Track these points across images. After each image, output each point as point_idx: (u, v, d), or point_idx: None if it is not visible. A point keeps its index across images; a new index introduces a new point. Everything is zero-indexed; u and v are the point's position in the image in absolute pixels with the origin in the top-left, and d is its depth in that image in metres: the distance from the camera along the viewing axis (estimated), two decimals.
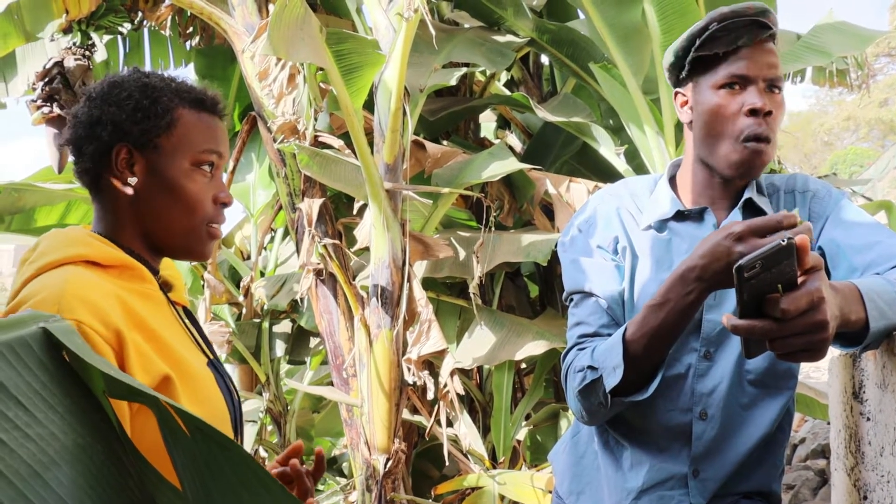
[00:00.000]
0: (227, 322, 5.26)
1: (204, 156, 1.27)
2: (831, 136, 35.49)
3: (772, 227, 1.12)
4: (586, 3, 3.84)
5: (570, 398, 1.49)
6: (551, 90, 5.67)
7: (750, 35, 1.45)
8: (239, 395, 1.39)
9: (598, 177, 4.63)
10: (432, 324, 3.56)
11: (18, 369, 0.65)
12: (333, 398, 4.13)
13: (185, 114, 1.27)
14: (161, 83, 1.28)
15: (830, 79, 6.11)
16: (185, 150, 1.26)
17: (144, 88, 1.26)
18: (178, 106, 1.26)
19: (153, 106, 1.24)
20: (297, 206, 3.99)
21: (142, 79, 1.27)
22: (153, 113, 1.24)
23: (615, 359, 1.36)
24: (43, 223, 5.18)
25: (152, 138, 1.24)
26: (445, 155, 4.11)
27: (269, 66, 3.82)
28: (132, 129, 1.23)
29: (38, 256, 1.16)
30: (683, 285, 1.26)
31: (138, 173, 1.24)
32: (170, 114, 1.25)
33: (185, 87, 1.30)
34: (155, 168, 1.24)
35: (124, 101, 1.24)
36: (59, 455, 0.64)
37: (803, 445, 5.62)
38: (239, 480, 0.64)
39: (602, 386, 1.38)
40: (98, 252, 1.18)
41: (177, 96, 1.27)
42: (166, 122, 1.25)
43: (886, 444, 1.18)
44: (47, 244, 1.19)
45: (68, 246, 1.17)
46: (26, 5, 3.92)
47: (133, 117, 1.23)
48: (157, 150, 1.24)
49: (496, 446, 4.43)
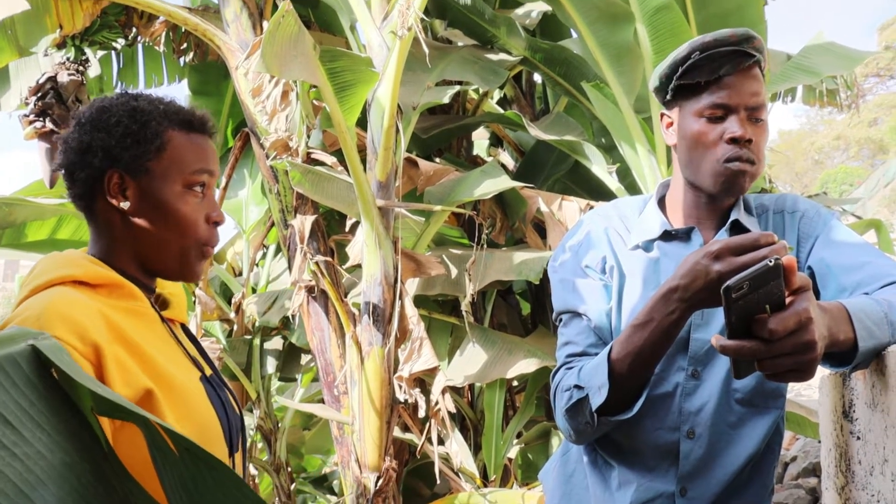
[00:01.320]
0: (218, 338, 5.24)
1: (195, 177, 1.27)
2: (822, 155, 35.69)
3: (748, 246, 1.13)
4: (579, 22, 3.86)
5: (559, 417, 1.49)
6: (544, 108, 5.70)
7: (732, 64, 1.45)
8: (240, 410, 1.39)
9: (590, 195, 4.65)
10: (424, 341, 3.55)
11: (6, 387, 0.65)
12: (324, 416, 4.11)
13: (174, 136, 1.27)
14: (150, 106, 1.28)
15: (821, 98, 6.15)
16: (177, 173, 1.26)
17: (133, 113, 1.26)
18: (167, 129, 1.27)
19: (143, 130, 1.25)
20: (290, 222, 3.99)
21: (130, 102, 1.28)
22: (143, 137, 1.25)
23: (600, 378, 1.36)
24: (34, 238, 5.16)
25: (143, 163, 1.24)
26: (438, 172, 4.12)
27: (263, 83, 3.83)
28: (122, 154, 1.24)
29: (33, 279, 1.19)
30: (666, 305, 1.27)
31: (130, 198, 1.25)
32: (159, 137, 1.26)
33: (173, 109, 1.30)
34: (147, 192, 1.25)
35: (114, 126, 1.24)
36: (46, 474, 0.64)
37: (794, 464, 5.61)
38: (227, 501, 0.64)
39: (588, 405, 1.38)
40: (87, 272, 1.19)
41: (166, 119, 1.27)
42: (156, 146, 1.25)
43: (877, 464, 1.18)
44: (42, 266, 1.21)
45: (60, 267, 1.19)
46: (20, 20, 3.93)
47: (123, 143, 1.24)
48: (148, 174, 1.25)
49: (487, 464, 4.41)
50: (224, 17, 4.12)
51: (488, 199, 4.24)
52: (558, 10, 4.06)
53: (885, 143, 31.17)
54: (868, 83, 29.17)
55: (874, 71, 28.38)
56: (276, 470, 5.26)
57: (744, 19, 3.71)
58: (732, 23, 3.80)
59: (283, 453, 5.30)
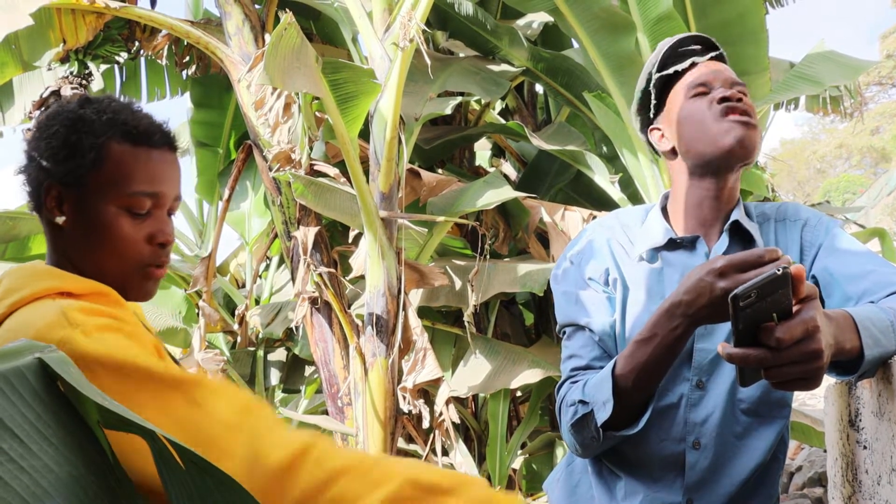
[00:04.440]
0: (221, 350, 5.23)
1: (135, 199, 1.17)
2: (824, 164, 35.70)
3: (753, 263, 1.13)
4: (580, 32, 3.88)
5: (564, 432, 1.49)
6: (546, 119, 5.71)
7: (700, 54, 1.55)
8: None
9: (592, 205, 4.64)
10: (427, 352, 3.55)
11: (14, 400, 0.65)
12: (328, 427, 4.10)
13: (116, 149, 1.16)
14: (94, 115, 1.17)
15: (823, 106, 6.15)
16: (114, 190, 1.16)
17: (75, 123, 1.16)
18: (108, 141, 1.16)
19: (79, 142, 1.15)
20: (293, 234, 3.99)
21: (77, 111, 1.18)
22: (79, 150, 1.15)
23: (605, 394, 1.36)
24: (37, 251, 5.18)
25: (79, 176, 1.15)
26: (440, 183, 4.12)
27: (265, 95, 3.84)
28: (58, 167, 1.16)
29: (7, 294, 1.11)
30: (669, 320, 1.27)
31: (67, 212, 1.17)
32: (96, 150, 1.15)
33: (120, 119, 1.18)
34: (82, 207, 1.16)
35: (51, 137, 1.16)
36: (53, 487, 0.64)
37: (800, 473, 5.59)
38: None
39: (593, 420, 1.38)
40: (70, 283, 1.13)
41: (109, 129, 1.17)
42: (92, 159, 1.15)
43: (884, 473, 1.18)
44: (13, 281, 1.13)
45: (40, 279, 1.12)
46: (24, 35, 3.95)
47: (57, 155, 1.16)
48: (84, 189, 1.16)
49: (492, 475, 4.40)
50: (226, 29, 4.13)
51: (491, 210, 4.24)
52: (560, 21, 4.07)
53: (887, 152, 31.18)
54: (870, 92, 29.18)
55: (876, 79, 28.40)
56: None
57: (745, 27, 3.72)
58: (734, 31, 3.81)
59: None
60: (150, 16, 4.15)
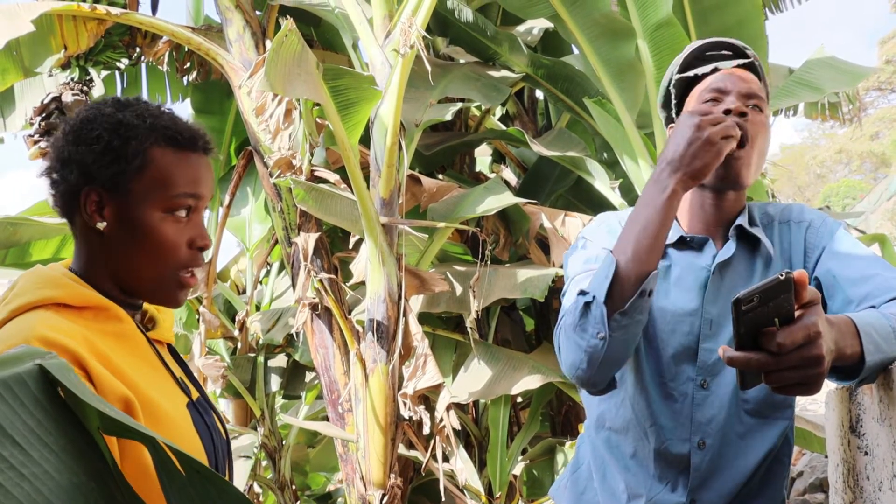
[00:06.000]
0: (222, 356, 5.23)
1: (179, 201, 1.18)
2: (824, 169, 35.69)
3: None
4: (581, 38, 3.88)
5: (567, 349, 1.40)
6: (546, 125, 5.71)
7: (727, 62, 1.54)
8: (227, 436, 1.33)
9: (593, 211, 4.64)
10: (428, 358, 3.54)
11: (14, 407, 0.65)
12: (329, 433, 4.10)
13: (159, 154, 1.17)
14: (136, 119, 1.18)
15: (823, 112, 6.16)
16: (158, 195, 1.17)
17: (117, 127, 1.16)
18: (151, 146, 1.17)
19: (124, 147, 1.16)
20: (293, 240, 3.99)
21: (116, 114, 1.18)
22: (123, 155, 1.15)
23: (605, 270, 1.34)
24: (38, 257, 5.17)
25: (123, 182, 1.16)
26: (441, 189, 4.12)
27: (266, 102, 3.85)
28: (101, 172, 1.15)
29: (13, 297, 1.12)
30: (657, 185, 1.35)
31: (108, 217, 1.16)
32: (141, 156, 1.16)
33: (161, 124, 1.19)
34: (125, 213, 1.16)
35: (94, 141, 1.16)
36: (54, 494, 0.64)
37: (801, 479, 5.58)
38: None
39: (598, 309, 1.32)
40: (70, 294, 1.13)
41: (152, 134, 1.18)
42: (137, 165, 1.16)
43: (885, 479, 1.18)
44: (23, 284, 1.14)
45: (41, 288, 1.12)
46: (25, 41, 3.95)
47: (101, 160, 1.15)
48: (127, 195, 1.16)
49: (492, 481, 4.39)
50: (227, 36, 4.14)
51: (491, 216, 4.24)
52: (560, 27, 4.08)
53: (887, 157, 31.18)
54: (869, 97, 29.23)
55: (875, 85, 28.43)
56: (281, 488, 5.23)
57: (744, 34, 3.72)
58: (733, 37, 3.81)
59: (287, 471, 5.27)
60: (151, 22, 4.16)
